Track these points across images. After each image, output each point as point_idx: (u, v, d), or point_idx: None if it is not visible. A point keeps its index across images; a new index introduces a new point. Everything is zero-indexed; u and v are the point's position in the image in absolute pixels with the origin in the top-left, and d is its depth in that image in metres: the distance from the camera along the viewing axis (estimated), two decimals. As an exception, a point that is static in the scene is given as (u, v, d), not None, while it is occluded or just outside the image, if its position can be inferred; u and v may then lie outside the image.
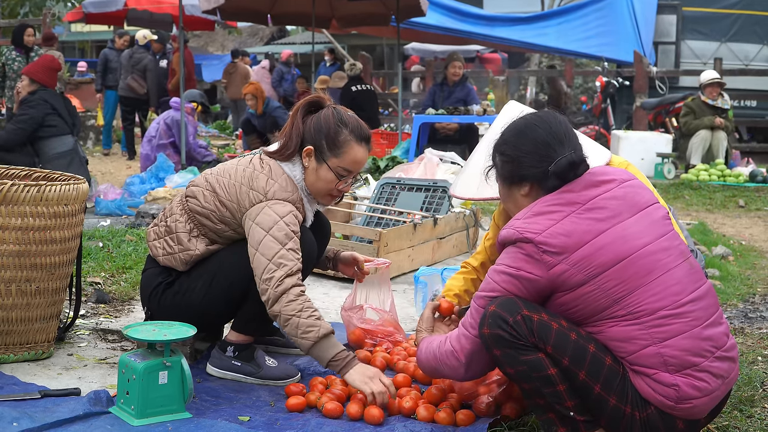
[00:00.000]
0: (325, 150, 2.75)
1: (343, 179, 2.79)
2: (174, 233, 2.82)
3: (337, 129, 2.75)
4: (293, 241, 2.65)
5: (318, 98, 2.86)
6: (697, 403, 2.09)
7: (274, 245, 2.61)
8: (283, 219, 2.66)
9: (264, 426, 2.45)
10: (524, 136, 2.30)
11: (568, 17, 13.53)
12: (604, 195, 2.21)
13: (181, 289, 2.80)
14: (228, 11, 10.87)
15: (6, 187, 2.74)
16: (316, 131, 2.76)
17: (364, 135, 2.80)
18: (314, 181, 2.79)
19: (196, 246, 2.79)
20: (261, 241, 2.63)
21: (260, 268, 2.62)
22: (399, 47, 11.98)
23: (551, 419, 2.14)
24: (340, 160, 2.76)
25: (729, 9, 13.45)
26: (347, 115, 2.80)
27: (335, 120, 2.76)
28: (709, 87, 9.84)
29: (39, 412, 2.40)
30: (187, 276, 2.82)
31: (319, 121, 2.77)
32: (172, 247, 2.82)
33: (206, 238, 2.81)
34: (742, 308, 4.18)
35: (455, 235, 5.05)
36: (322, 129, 2.76)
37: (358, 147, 2.77)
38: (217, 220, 2.77)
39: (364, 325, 3.19)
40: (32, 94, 6.31)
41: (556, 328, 2.10)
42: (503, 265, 2.19)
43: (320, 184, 2.79)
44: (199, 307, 2.78)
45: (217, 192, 2.76)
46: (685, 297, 2.12)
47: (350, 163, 2.77)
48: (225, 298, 2.78)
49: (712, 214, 7.77)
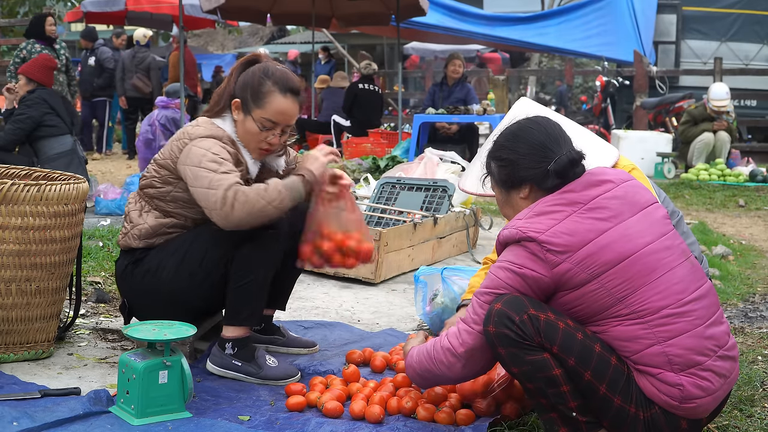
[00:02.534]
0: (250, 101, 2.79)
1: (269, 131, 2.80)
2: (127, 215, 2.92)
3: (260, 80, 2.79)
4: (224, 165, 2.68)
5: (255, 56, 2.90)
6: (701, 402, 2.09)
7: (206, 174, 2.65)
8: (210, 150, 2.70)
9: (264, 425, 2.45)
10: (520, 139, 2.31)
11: (568, 17, 13.54)
12: (606, 195, 2.21)
13: (152, 268, 2.81)
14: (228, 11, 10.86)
15: (6, 186, 2.74)
16: (242, 84, 2.81)
17: (289, 86, 2.80)
18: (243, 134, 2.83)
19: (145, 220, 2.85)
20: (194, 175, 2.68)
21: (202, 199, 2.66)
22: (399, 47, 11.97)
23: (553, 419, 2.14)
24: (263, 111, 2.78)
25: (729, 8, 13.46)
26: (274, 68, 2.83)
27: (260, 72, 2.80)
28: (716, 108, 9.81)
29: (39, 411, 2.40)
30: (157, 254, 2.82)
31: (246, 75, 2.82)
32: (125, 227, 2.90)
33: (156, 211, 2.85)
34: (742, 308, 4.18)
35: (455, 234, 5.05)
36: (247, 82, 2.80)
37: (281, 98, 2.78)
38: (160, 183, 2.83)
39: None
40: (30, 93, 6.29)
41: (562, 328, 2.10)
42: (507, 262, 2.18)
43: (248, 136, 2.82)
44: (170, 285, 2.78)
45: (156, 159, 2.87)
46: (687, 296, 2.12)
47: (273, 113, 2.78)
48: (199, 275, 2.77)
49: (712, 213, 7.77)
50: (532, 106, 2.91)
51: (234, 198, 2.59)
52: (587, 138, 2.91)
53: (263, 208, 2.62)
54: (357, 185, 6.16)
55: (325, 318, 3.72)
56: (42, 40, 9.03)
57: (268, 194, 2.63)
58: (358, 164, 9.02)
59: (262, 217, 2.65)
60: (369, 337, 3.39)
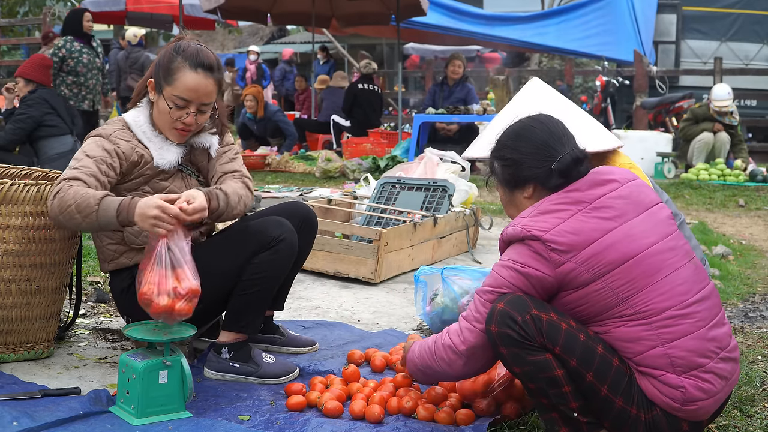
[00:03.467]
0: (161, 80, 2.71)
1: (182, 110, 2.69)
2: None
3: (171, 57, 2.69)
4: (81, 161, 2.61)
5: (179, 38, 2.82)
6: (702, 404, 2.08)
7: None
8: (82, 149, 2.67)
9: (264, 425, 2.45)
10: (523, 138, 2.30)
11: (568, 17, 13.54)
12: (610, 194, 2.20)
13: None
14: (228, 11, 10.87)
15: (6, 186, 2.73)
16: (156, 64, 2.74)
17: (200, 61, 2.68)
18: (157, 115, 2.76)
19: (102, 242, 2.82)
20: None
21: None
22: (399, 47, 11.97)
23: (554, 419, 2.14)
24: (173, 88, 2.67)
25: (729, 8, 13.47)
26: (187, 44, 2.72)
27: (171, 50, 2.72)
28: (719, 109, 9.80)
29: (39, 411, 2.40)
30: None
31: (159, 55, 2.76)
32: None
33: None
34: (742, 307, 4.18)
35: (455, 234, 5.05)
36: (159, 61, 2.73)
37: (192, 73, 2.66)
38: None
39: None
40: (32, 93, 6.29)
41: (565, 329, 2.09)
42: (510, 260, 2.17)
43: (162, 117, 2.74)
44: None
45: None
46: (691, 297, 2.12)
47: (184, 90, 2.67)
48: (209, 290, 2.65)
49: (712, 213, 7.76)
50: (543, 88, 2.92)
51: (57, 191, 2.53)
52: (589, 121, 2.92)
53: (71, 214, 2.50)
54: (357, 185, 6.16)
55: (325, 318, 3.72)
56: (80, 37, 8.42)
57: (83, 201, 2.49)
58: (358, 164, 9.02)
59: (71, 222, 2.53)
60: (369, 337, 3.38)
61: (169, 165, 2.77)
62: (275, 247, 2.75)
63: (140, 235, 2.76)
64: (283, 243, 2.76)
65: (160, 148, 2.77)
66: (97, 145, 2.69)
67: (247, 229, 2.80)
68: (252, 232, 2.78)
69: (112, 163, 2.67)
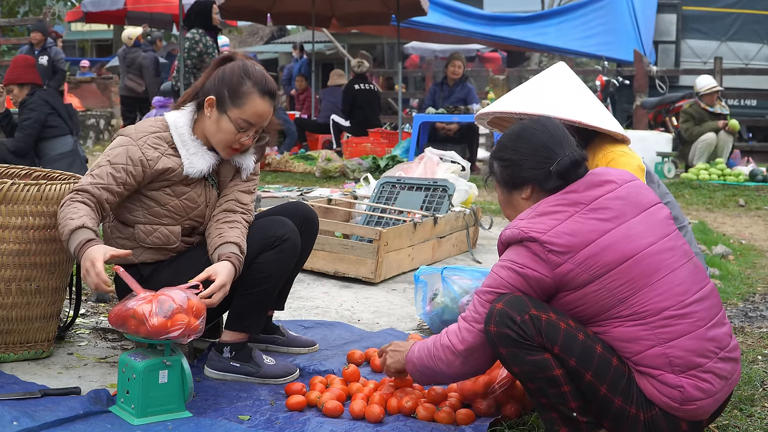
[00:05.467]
0: (227, 101, 2.73)
1: (243, 132, 2.75)
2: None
3: (240, 80, 2.73)
4: (100, 168, 2.67)
5: (230, 55, 2.86)
6: (701, 404, 2.08)
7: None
8: (109, 150, 2.71)
9: (264, 425, 2.45)
10: (523, 139, 2.31)
11: (568, 16, 13.55)
12: (608, 195, 2.21)
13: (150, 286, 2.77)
14: (228, 10, 10.88)
15: (6, 186, 2.73)
16: (219, 82, 2.76)
17: (268, 88, 2.75)
18: (215, 132, 2.77)
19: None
20: None
21: None
22: (399, 46, 11.97)
23: (554, 418, 2.14)
24: (241, 112, 2.72)
25: (729, 8, 13.46)
26: (253, 68, 2.78)
27: (240, 71, 2.75)
28: (707, 95, 9.82)
29: (39, 411, 2.40)
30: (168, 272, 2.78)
31: (224, 72, 2.77)
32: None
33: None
34: (742, 307, 4.18)
35: (455, 234, 5.05)
36: (225, 79, 2.75)
37: (260, 100, 2.73)
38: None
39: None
40: (30, 96, 6.22)
41: (564, 328, 2.09)
42: (509, 261, 2.18)
43: (221, 135, 2.76)
44: None
45: None
46: (689, 297, 2.12)
47: (251, 115, 2.73)
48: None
49: (712, 213, 7.76)
50: (567, 73, 2.97)
51: (63, 201, 2.63)
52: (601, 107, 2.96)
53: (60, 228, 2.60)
54: (357, 185, 6.16)
55: (325, 318, 3.72)
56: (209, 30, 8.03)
57: (62, 226, 2.56)
58: (358, 164, 9.02)
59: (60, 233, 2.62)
60: (369, 337, 3.39)
61: (198, 173, 2.79)
62: (279, 247, 2.76)
63: (150, 234, 2.78)
64: (287, 242, 2.77)
65: (192, 154, 2.78)
66: (123, 149, 2.71)
67: (251, 230, 2.81)
68: (256, 232, 2.79)
69: (132, 171, 2.70)
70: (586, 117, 2.86)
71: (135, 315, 2.38)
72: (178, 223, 2.81)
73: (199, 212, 2.83)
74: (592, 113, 2.89)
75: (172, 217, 2.79)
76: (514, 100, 2.97)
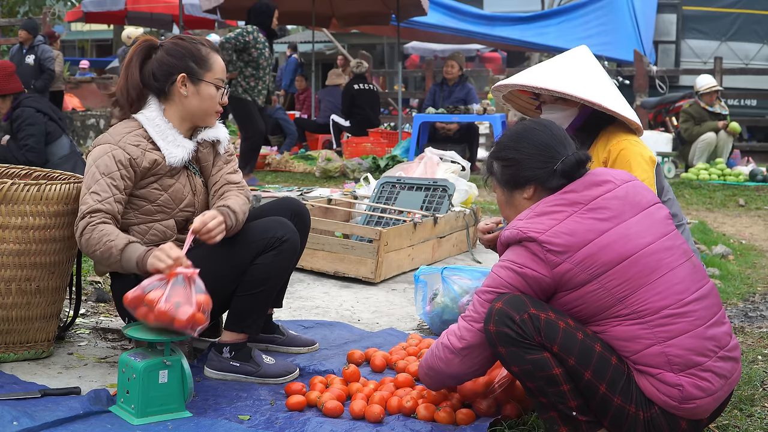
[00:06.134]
0: (197, 70, 2.82)
1: (220, 90, 2.86)
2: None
3: (196, 48, 2.84)
4: (97, 183, 2.69)
5: (148, 41, 2.91)
6: (700, 403, 2.09)
7: (83, 190, 2.72)
8: (95, 162, 2.72)
9: (264, 425, 2.45)
10: (525, 139, 2.31)
11: (568, 16, 13.55)
12: (606, 195, 2.21)
13: None
14: (228, 10, 10.88)
15: (6, 186, 2.74)
16: (177, 59, 2.82)
17: (214, 46, 2.92)
18: (199, 103, 2.84)
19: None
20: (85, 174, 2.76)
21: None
22: (399, 46, 11.97)
23: (553, 418, 2.14)
24: (213, 72, 2.84)
25: (729, 8, 13.47)
26: (190, 36, 2.94)
27: (188, 42, 2.86)
28: (707, 95, 9.82)
29: (39, 410, 2.40)
30: None
31: (172, 51, 2.84)
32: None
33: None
34: (742, 307, 4.18)
35: (455, 234, 5.05)
36: (183, 54, 2.83)
37: (218, 56, 2.88)
38: None
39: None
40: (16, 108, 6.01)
41: (563, 327, 2.10)
42: (508, 261, 2.19)
43: (207, 103, 2.84)
44: None
45: None
46: (688, 296, 2.12)
47: (221, 71, 2.87)
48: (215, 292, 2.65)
49: (712, 213, 7.76)
50: (590, 56, 2.97)
51: (83, 229, 2.65)
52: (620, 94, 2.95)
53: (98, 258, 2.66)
54: (357, 185, 6.16)
55: (325, 318, 3.72)
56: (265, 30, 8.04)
57: (106, 250, 2.61)
58: (358, 164, 9.02)
59: (101, 263, 2.71)
60: (369, 337, 3.39)
61: (179, 161, 2.83)
62: (279, 248, 2.77)
63: (146, 233, 2.80)
64: (286, 243, 2.78)
65: (170, 143, 2.82)
66: (109, 157, 2.72)
67: (250, 230, 2.81)
68: (255, 233, 2.80)
69: (126, 174, 2.73)
70: (606, 101, 2.82)
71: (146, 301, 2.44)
72: (171, 216, 2.84)
73: (188, 201, 2.87)
74: (613, 98, 2.86)
75: (163, 212, 2.82)
76: (537, 75, 2.92)
